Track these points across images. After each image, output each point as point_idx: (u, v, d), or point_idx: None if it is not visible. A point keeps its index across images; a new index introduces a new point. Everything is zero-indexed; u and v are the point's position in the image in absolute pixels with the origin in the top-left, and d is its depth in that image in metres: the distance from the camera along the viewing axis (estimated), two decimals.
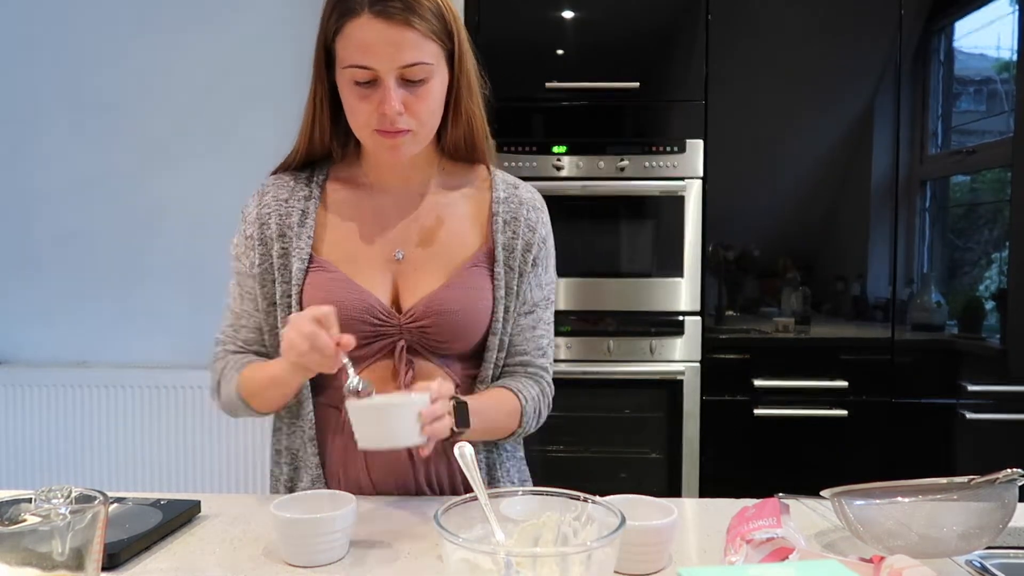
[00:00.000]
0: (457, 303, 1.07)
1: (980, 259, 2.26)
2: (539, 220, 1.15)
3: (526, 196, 1.16)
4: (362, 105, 1.00)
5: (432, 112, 1.03)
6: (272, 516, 0.85)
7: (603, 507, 0.69)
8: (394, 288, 1.09)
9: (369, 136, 1.03)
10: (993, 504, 0.82)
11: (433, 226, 1.12)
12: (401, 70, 0.98)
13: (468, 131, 1.11)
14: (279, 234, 1.12)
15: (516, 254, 1.12)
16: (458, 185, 1.15)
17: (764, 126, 2.27)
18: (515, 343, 1.14)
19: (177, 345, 2.82)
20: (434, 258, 1.10)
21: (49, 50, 2.79)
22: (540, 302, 1.16)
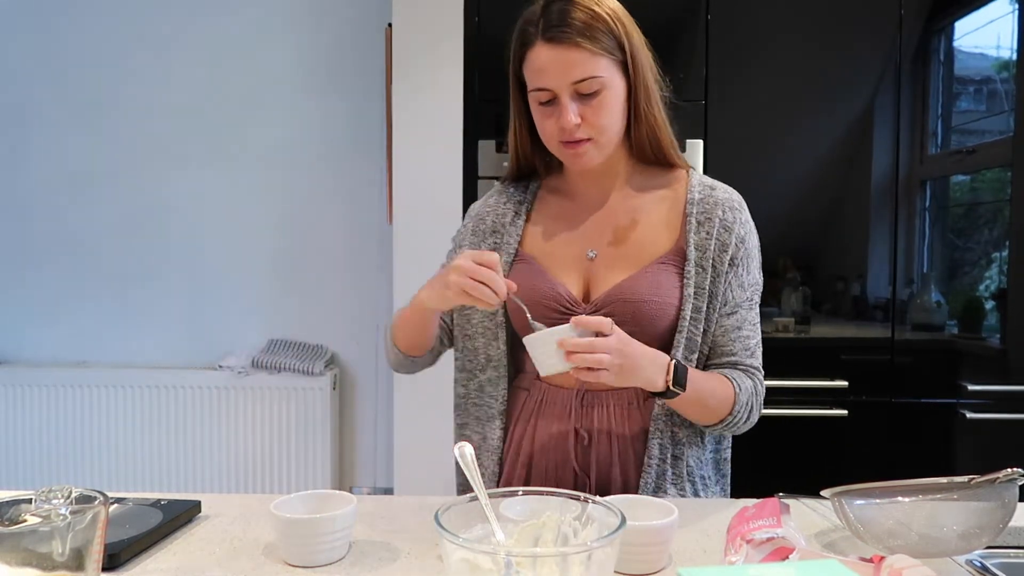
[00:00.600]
0: (638, 293, 1.11)
1: (980, 259, 2.26)
2: (736, 220, 1.17)
3: (722, 196, 1.19)
4: (547, 122, 1.12)
5: (609, 121, 1.10)
6: (272, 516, 0.85)
7: (603, 507, 0.69)
8: (585, 284, 1.16)
9: (557, 149, 1.14)
10: (993, 504, 0.82)
11: (626, 226, 1.18)
12: (574, 86, 1.07)
13: (651, 134, 1.16)
14: (492, 230, 1.24)
15: (710, 254, 1.14)
16: (652, 187, 1.20)
17: (764, 126, 2.26)
18: (720, 343, 1.15)
19: (177, 345, 2.83)
20: (625, 256, 1.16)
21: (49, 50, 2.79)
22: (743, 302, 1.16)
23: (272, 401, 2.69)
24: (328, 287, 2.81)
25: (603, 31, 1.08)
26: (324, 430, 2.69)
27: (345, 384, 2.84)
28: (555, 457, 1.14)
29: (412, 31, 2.28)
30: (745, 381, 1.13)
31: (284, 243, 2.81)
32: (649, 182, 1.21)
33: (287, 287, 2.82)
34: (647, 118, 1.15)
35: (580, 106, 1.09)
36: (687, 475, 1.14)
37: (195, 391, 2.69)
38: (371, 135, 2.74)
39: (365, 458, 2.85)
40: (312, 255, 2.82)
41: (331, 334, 2.82)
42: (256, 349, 2.77)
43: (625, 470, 1.12)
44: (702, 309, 1.12)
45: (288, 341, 2.80)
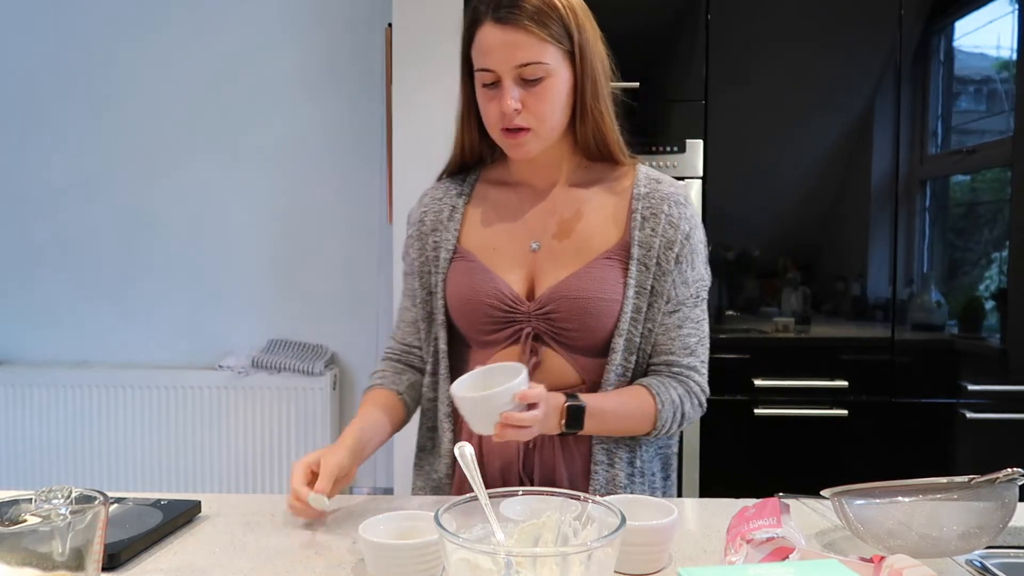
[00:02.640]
0: (582, 291, 1.09)
1: (980, 259, 2.26)
2: (682, 215, 1.14)
3: (669, 191, 1.16)
4: (489, 106, 1.09)
5: (551, 111, 1.08)
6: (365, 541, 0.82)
7: (603, 507, 0.69)
8: (529, 278, 1.14)
9: (498, 136, 1.11)
10: (993, 504, 0.82)
11: (571, 219, 1.15)
12: (517, 70, 1.05)
13: (596, 130, 1.13)
14: (432, 228, 1.20)
15: (655, 252, 1.11)
16: (598, 180, 1.18)
17: (764, 126, 2.26)
18: (660, 343, 1.14)
19: (177, 345, 2.83)
20: (570, 250, 1.13)
21: (50, 51, 2.79)
22: (687, 300, 1.14)
23: (272, 401, 2.69)
24: (328, 287, 2.81)
25: (554, 18, 1.06)
26: (324, 430, 2.69)
27: (345, 384, 2.84)
28: (501, 461, 1.12)
29: (412, 31, 2.28)
30: (672, 392, 1.11)
31: (284, 243, 2.81)
32: (594, 176, 1.18)
33: (287, 287, 2.82)
34: (593, 113, 1.12)
35: (522, 92, 1.06)
36: (637, 475, 1.14)
37: (195, 391, 2.69)
38: (371, 135, 2.74)
39: None
40: (312, 255, 2.82)
41: (331, 334, 2.82)
42: (256, 349, 2.77)
43: (572, 473, 1.11)
44: (643, 309, 1.11)
45: (288, 341, 2.80)
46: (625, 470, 1.13)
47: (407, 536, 0.84)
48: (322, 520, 1.00)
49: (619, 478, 1.12)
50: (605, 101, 1.13)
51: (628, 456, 1.13)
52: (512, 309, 1.11)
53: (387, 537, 0.83)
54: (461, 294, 1.14)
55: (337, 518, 1.01)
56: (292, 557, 0.88)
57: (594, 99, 1.11)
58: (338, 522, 1.00)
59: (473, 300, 1.11)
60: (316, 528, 0.98)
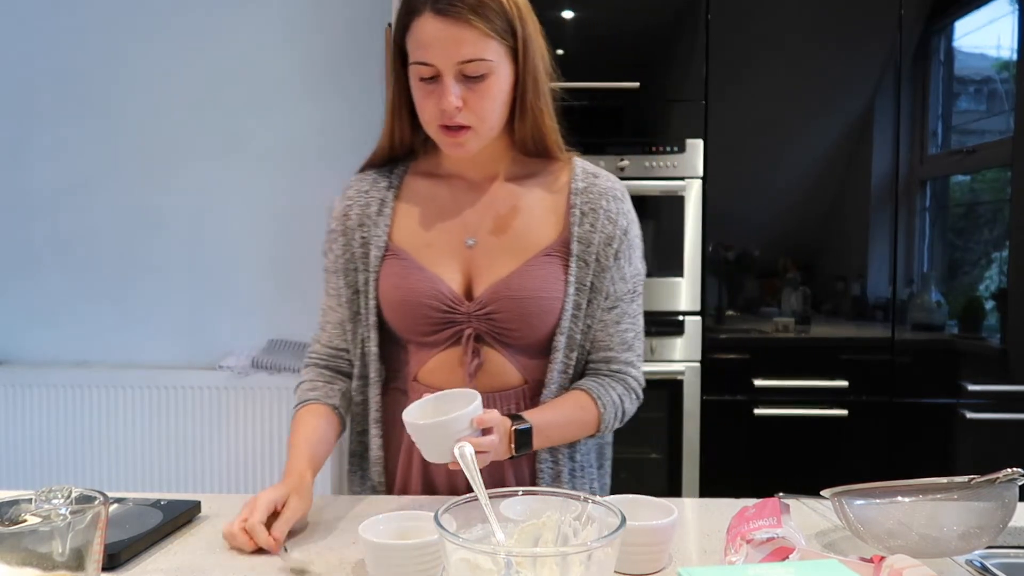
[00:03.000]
0: (524, 289, 1.07)
1: (980, 259, 2.26)
2: (620, 210, 1.13)
3: (606, 185, 1.14)
4: (427, 102, 1.03)
5: (492, 109, 1.04)
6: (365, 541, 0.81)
7: (603, 507, 0.69)
8: (466, 276, 1.10)
9: (435, 132, 1.06)
10: (993, 504, 0.82)
11: (507, 215, 1.12)
12: (459, 66, 1.00)
13: (536, 128, 1.10)
14: (359, 223, 1.14)
15: (594, 248, 1.09)
16: (534, 174, 1.14)
17: (764, 126, 2.27)
18: (599, 339, 1.13)
19: (177, 345, 2.83)
20: (507, 247, 1.10)
21: (49, 50, 2.79)
22: (624, 295, 1.13)
23: (272, 401, 2.69)
24: None
25: (496, 12, 1.01)
26: None
27: None
28: (450, 472, 1.09)
29: None
30: (612, 392, 1.11)
31: (284, 243, 2.81)
32: (530, 170, 1.15)
33: (287, 287, 2.82)
34: (533, 111, 1.08)
35: (463, 89, 1.01)
36: (578, 469, 1.15)
37: (195, 391, 2.69)
38: (371, 135, 2.71)
39: None
40: (312, 255, 2.79)
41: None
42: (256, 349, 2.77)
43: (519, 472, 1.11)
44: (583, 306, 1.10)
45: (288, 341, 2.80)
46: (568, 466, 1.13)
47: (407, 536, 0.84)
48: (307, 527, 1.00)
49: (563, 475, 1.13)
50: (546, 98, 1.10)
51: (569, 451, 1.14)
52: (452, 309, 1.07)
53: (387, 537, 0.83)
54: (397, 295, 1.09)
55: (337, 518, 1.01)
56: (292, 557, 0.87)
57: (535, 96, 1.08)
58: (338, 522, 1.00)
59: (411, 301, 1.07)
60: (316, 528, 0.98)
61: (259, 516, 0.90)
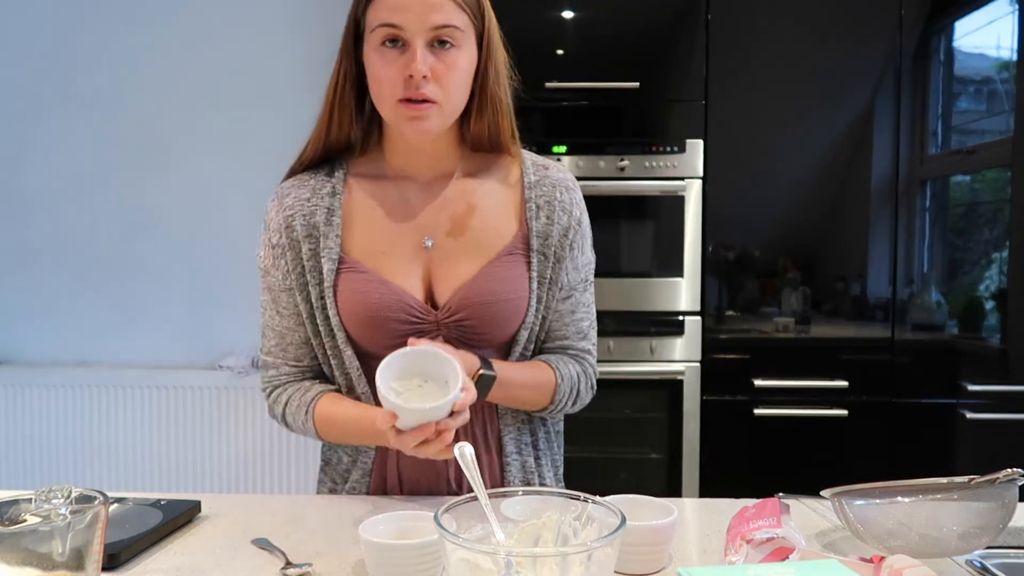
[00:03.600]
0: (493, 294, 1.05)
1: (980, 259, 2.26)
2: (573, 201, 1.12)
3: (558, 177, 1.13)
4: (388, 71, 0.98)
5: (458, 85, 1.01)
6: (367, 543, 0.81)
7: (603, 507, 0.69)
8: (426, 279, 1.07)
9: (392, 109, 1.00)
10: (993, 504, 0.82)
11: (463, 213, 1.09)
12: (432, 32, 0.97)
13: (493, 120, 1.07)
14: (306, 235, 1.08)
15: (552, 240, 1.09)
16: (485, 169, 1.12)
17: (764, 126, 2.27)
18: (554, 328, 1.13)
19: (177, 345, 2.83)
20: (467, 247, 1.07)
21: (48, 48, 2.79)
22: (577, 284, 1.13)
23: None
24: None
25: None
26: None
27: None
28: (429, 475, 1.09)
29: None
30: (570, 367, 1.11)
31: None
32: (480, 166, 1.12)
33: None
34: (493, 101, 1.06)
35: (433, 60, 0.97)
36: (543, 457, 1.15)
37: (195, 391, 2.69)
38: None
39: None
40: None
41: None
42: (256, 349, 2.76)
43: (491, 468, 1.11)
44: (543, 299, 1.09)
45: None
46: (532, 455, 1.14)
47: (407, 536, 0.84)
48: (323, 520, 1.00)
49: (528, 463, 1.13)
50: (506, 90, 1.07)
51: (532, 440, 1.14)
52: (420, 320, 1.04)
53: (387, 537, 0.83)
54: (360, 312, 1.04)
55: (337, 518, 1.01)
56: (292, 557, 0.88)
57: (496, 86, 1.05)
58: (338, 522, 1.00)
59: (376, 318, 1.03)
60: (316, 528, 0.98)
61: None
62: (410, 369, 0.91)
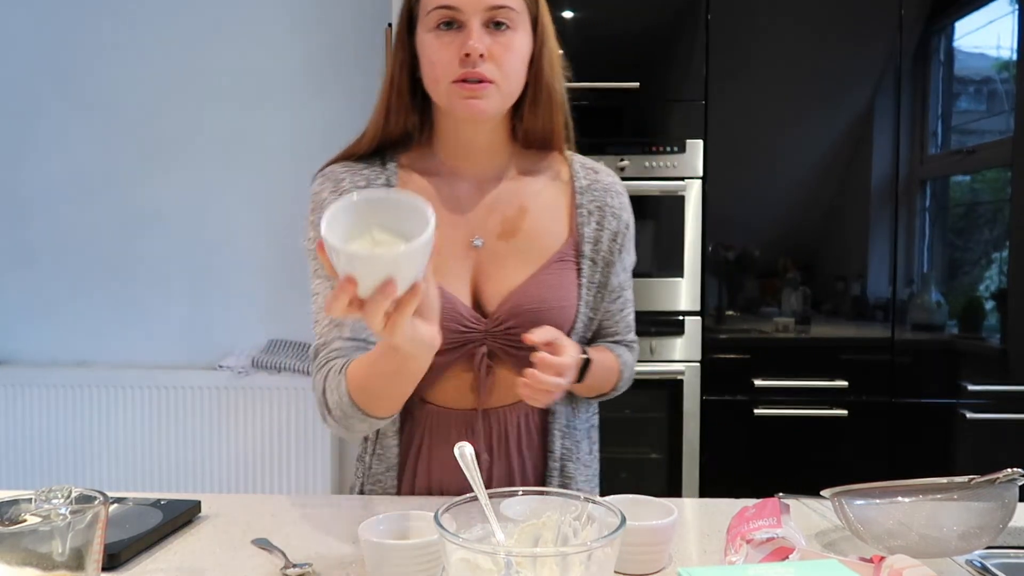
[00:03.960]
0: (544, 301, 1.02)
1: (980, 259, 2.26)
2: (623, 205, 1.12)
3: (608, 181, 1.11)
4: (443, 52, 0.96)
5: (516, 66, 0.98)
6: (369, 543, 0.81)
7: (603, 507, 0.69)
8: (473, 281, 1.04)
9: (447, 90, 0.97)
10: (993, 504, 0.82)
11: (515, 215, 1.06)
12: (488, 12, 0.95)
13: (547, 114, 1.04)
14: None
15: (602, 246, 1.08)
16: (536, 170, 1.09)
17: (764, 126, 2.27)
18: (604, 325, 1.13)
19: (177, 345, 2.83)
20: (517, 250, 1.04)
21: (49, 49, 2.79)
22: (625, 283, 1.14)
23: (272, 401, 2.69)
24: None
25: None
26: (324, 430, 2.69)
27: None
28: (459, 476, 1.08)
29: None
30: (626, 355, 1.15)
31: (284, 243, 2.81)
32: (530, 166, 1.09)
33: (287, 287, 2.82)
34: (548, 91, 1.03)
35: (489, 41, 0.95)
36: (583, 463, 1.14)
37: (195, 391, 2.69)
38: None
39: None
40: None
41: None
42: (256, 349, 2.77)
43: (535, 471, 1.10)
44: (591, 304, 1.08)
45: (288, 341, 2.80)
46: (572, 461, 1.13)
47: (407, 536, 0.84)
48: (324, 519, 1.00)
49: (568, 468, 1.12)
50: (561, 80, 1.05)
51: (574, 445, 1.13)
52: (469, 329, 1.01)
53: (387, 537, 0.83)
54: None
55: (337, 518, 1.01)
56: (292, 557, 0.88)
57: (552, 76, 1.03)
58: (338, 522, 1.00)
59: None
60: (316, 528, 0.98)
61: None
62: (362, 224, 0.71)
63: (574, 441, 1.13)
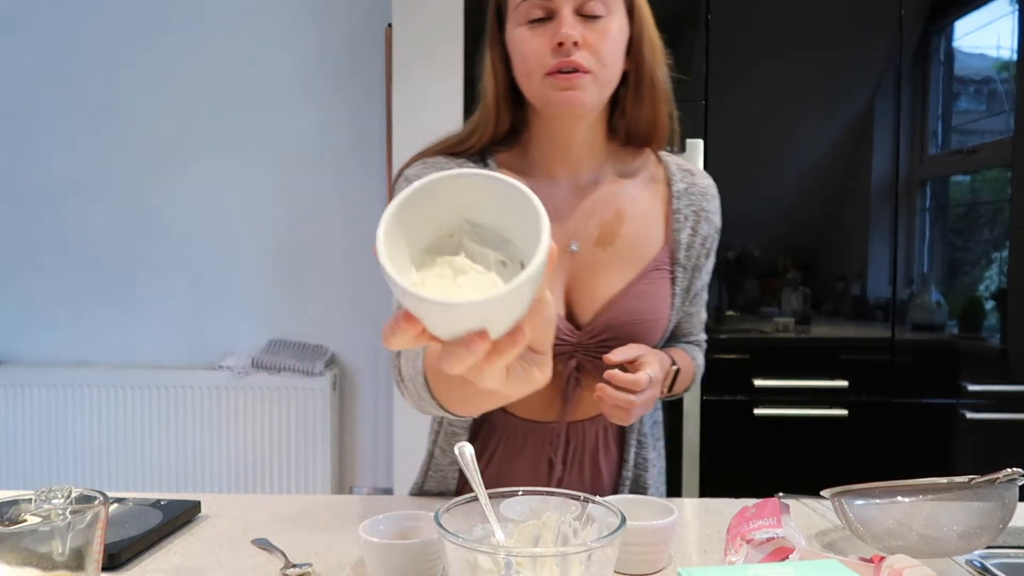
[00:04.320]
0: (639, 313, 0.99)
1: (980, 259, 2.26)
2: (716, 209, 1.08)
3: (704, 184, 1.07)
4: (534, 44, 0.92)
5: (612, 53, 0.94)
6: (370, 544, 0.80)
7: (603, 507, 0.69)
8: (567, 290, 1.00)
9: (541, 83, 0.93)
10: (993, 504, 0.82)
11: (612, 220, 1.01)
12: (579, 1, 0.92)
13: (651, 103, 0.99)
14: None
15: (694, 251, 1.05)
16: (632, 172, 1.04)
17: (764, 126, 2.26)
18: (682, 326, 1.12)
19: (177, 345, 2.83)
20: (613, 257, 1.00)
21: (51, 51, 2.79)
22: (705, 286, 1.12)
23: (272, 401, 2.69)
24: (328, 287, 2.81)
25: None
26: (324, 430, 2.69)
27: (345, 384, 2.84)
28: (526, 469, 1.04)
29: (412, 32, 2.28)
30: (700, 356, 1.15)
31: (284, 243, 2.81)
32: (626, 167, 1.04)
33: (287, 287, 2.82)
34: (651, 79, 0.98)
35: (582, 28, 0.92)
36: (655, 467, 1.14)
37: (195, 391, 2.69)
38: (371, 135, 2.74)
39: (365, 458, 2.85)
40: (312, 255, 2.82)
41: (331, 334, 2.82)
42: (256, 349, 2.77)
43: (609, 473, 1.09)
44: (679, 309, 1.07)
45: (288, 341, 2.80)
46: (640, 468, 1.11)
47: (407, 536, 0.84)
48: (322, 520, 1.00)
49: (641, 477, 1.10)
50: (663, 67, 1.00)
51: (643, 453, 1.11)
52: (562, 342, 0.97)
53: (387, 537, 0.83)
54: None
55: (337, 518, 1.01)
56: (292, 557, 0.88)
57: (653, 62, 0.98)
58: (338, 522, 1.00)
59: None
60: (316, 528, 0.98)
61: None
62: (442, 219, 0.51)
63: (646, 447, 1.11)
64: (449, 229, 0.52)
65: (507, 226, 0.51)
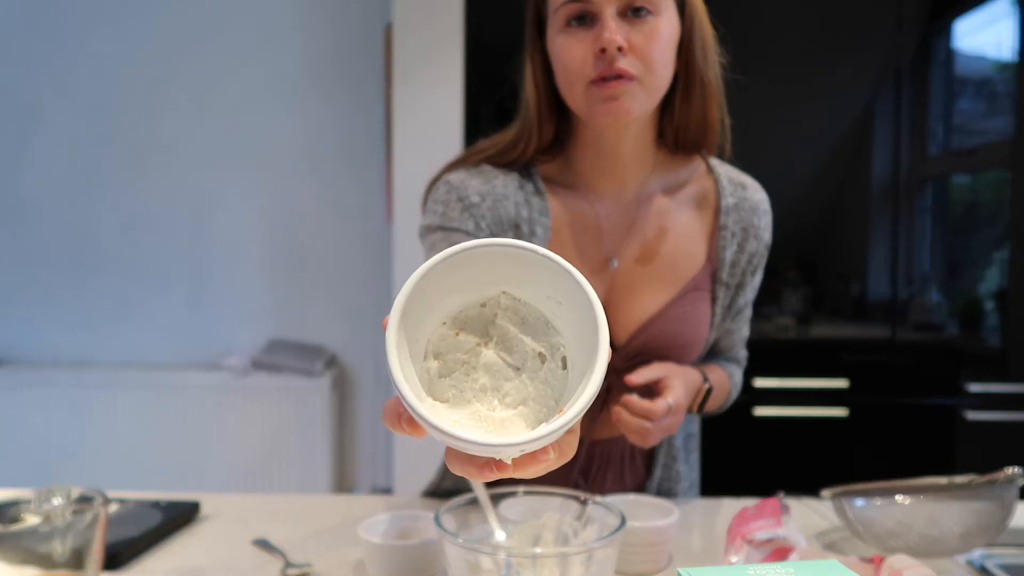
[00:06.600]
0: (676, 336, 0.95)
1: (980, 259, 2.26)
2: (766, 225, 1.02)
3: (756, 198, 1.02)
4: (575, 51, 0.86)
5: (661, 58, 0.87)
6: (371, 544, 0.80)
7: (603, 507, 0.69)
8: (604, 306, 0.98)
9: (584, 93, 0.87)
10: (993, 504, 0.82)
11: (654, 237, 0.97)
12: (622, 1, 0.85)
13: (701, 106, 0.94)
14: (514, 223, 0.93)
15: (738, 268, 0.99)
16: (679, 185, 0.99)
17: (764, 126, 2.26)
18: (722, 341, 1.08)
19: (177, 345, 2.83)
20: (653, 276, 0.96)
21: (52, 51, 2.79)
22: (750, 302, 1.06)
23: (272, 401, 2.69)
24: (328, 287, 2.81)
25: None
26: (324, 430, 2.69)
27: (345, 384, 2.84)
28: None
29: (412, 32, 2.28)
30: (737, 373, 1.12)
31: (284, 243, 2.81)
32: (673, 179, 0.99)
33: (287, 287, 2.82)
34: (702, 82, 0.92)
35: (627, 29, 0.85)
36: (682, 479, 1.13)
37: (195, 391, 2.69)
38: (371, 135, 2.74)
39: (365, 458, 2.85)
40: (312, 255, 2.82)
41: (331, 334, 2.82)
42: (256, 349, 2.77)
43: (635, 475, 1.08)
44: (718, 328, 1.03)
45: (288, 341, 2.80)
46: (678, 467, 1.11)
47: (407, 536, 0.84)
48: (322, 520, 1.00)
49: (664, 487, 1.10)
50: (716, 69, 0.94)
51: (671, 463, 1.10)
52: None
53: (387, 537, 0.83)
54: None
55: (337, 518, 1.01)
56: (292, 557, 0.88)
57: (704, 64, 0.92)
58: (338, 522, 1.00)
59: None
60: (316, 528, 0.98)
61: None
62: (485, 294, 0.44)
63: (677, 460, 1.10)
64: (484, 297, 0.44)
65: (553, 310, 0.43)
